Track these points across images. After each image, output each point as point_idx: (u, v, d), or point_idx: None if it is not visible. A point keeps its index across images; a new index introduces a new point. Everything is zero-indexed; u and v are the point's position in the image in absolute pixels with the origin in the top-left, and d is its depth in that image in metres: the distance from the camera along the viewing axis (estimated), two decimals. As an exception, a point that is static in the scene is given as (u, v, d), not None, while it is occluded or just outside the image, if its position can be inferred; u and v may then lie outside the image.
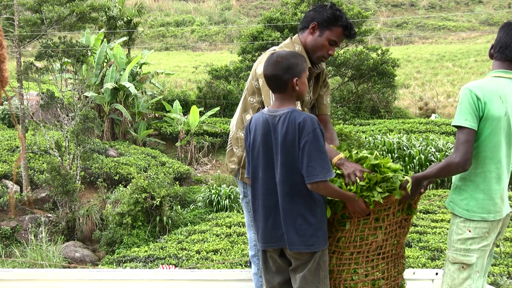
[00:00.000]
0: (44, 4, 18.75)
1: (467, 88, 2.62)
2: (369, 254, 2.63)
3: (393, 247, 2.67)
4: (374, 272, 2.64)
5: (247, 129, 2.78)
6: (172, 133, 23.53)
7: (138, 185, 14.80)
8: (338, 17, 2.97)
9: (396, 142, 19.41)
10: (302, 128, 2.52)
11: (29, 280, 3.51)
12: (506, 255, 10.15)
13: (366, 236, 2.59)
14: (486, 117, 2.60)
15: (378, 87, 24.10)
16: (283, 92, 2.66)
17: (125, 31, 25.96)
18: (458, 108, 2.64)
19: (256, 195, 2.71)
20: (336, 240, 2.62)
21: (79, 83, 19.14)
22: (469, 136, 2.56)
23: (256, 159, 2.69)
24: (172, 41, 41.41)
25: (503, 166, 2.69)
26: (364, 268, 2.63)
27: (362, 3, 42.99)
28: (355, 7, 23.64)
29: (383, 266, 2.67)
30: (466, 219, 2.68)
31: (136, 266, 11.82)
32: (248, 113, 3.06)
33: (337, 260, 2.64)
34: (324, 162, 2.49)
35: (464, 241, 2.68)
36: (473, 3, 44.29)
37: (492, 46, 2.80)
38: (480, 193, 2.66)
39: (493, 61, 2.76)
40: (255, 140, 2.69)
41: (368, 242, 2.59)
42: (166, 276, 3.73)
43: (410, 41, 41.21)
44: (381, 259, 2.65)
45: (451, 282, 2.71)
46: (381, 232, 2.59)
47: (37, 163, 18.14)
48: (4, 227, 15.05)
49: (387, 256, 2.67)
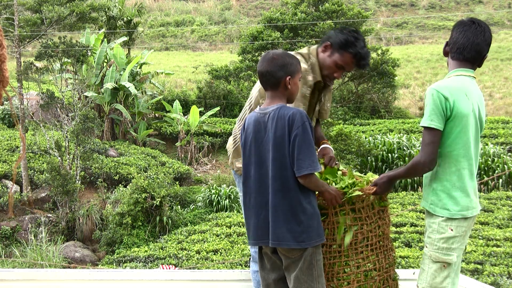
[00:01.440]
0: (44, 4, 18.75)
1: (434, 89, 2.67)
2: (357, 246, 2.69)
3: (379, 238, 2.75)
4: (365, 264, 2.70)
5: (241, 128, 2.83)
6: (172, 133, 23.53)
7: (138, 185, 14.80)
8: (350, 44, 2.93)
9: (396, 142, 19.41)
10: (291, 122, 2.56)
11: (29, 280, 3.51)
12: (506, 255, 10.15)
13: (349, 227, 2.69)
14: (455, 115, 2.65)
15: (378, 87, 24.10)
16: (275, 89, 2.70)
17: (125, 31, 25.95)
18: (425, 109, 2.69)
19: (248, 192, 2.73)
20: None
21: (79, 83, 19.14)
22: (434, 137, 2.65)
23: (248, 157, 2.72)
24: (172, 41, 41.40)
25: (473, 162, 2.76)
26: (355, 260, 2.69)
27: (362, 3, 42.98)
28: (355, 7, 23.64)
29: (373, 258, 2.73)
30: (448, 218, 2.71)
31: (136, 266, 11.82)
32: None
33: (326, 254, 2.70)
34: (313, 155, 2.56)
35: (446, 240, 2.71)
36: (473, 3, 44.29)
37: (446, 43, 2.87)
38: (457, 191, 2.72)
39: (450, 60, 2.82)
40: (247, 138, 2.73)
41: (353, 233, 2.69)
42: (166, 276, 3.73)
43: (410, 41, 41.21)
44: (370, 251, 2.72)
45: (432, 280, 2.74)
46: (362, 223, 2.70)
47: (37, 163, 18.14)
48: (4, 227, 15.05)
49: (375, 247, 2.74)
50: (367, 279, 2.71)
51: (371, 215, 2.73)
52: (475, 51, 2.73)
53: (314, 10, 22.00)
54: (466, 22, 2.78)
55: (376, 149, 19.16)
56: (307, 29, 21.63)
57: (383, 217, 2.79)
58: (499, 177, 16.73)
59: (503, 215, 12.80)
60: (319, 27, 21.07)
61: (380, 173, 14.88)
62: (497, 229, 11.88)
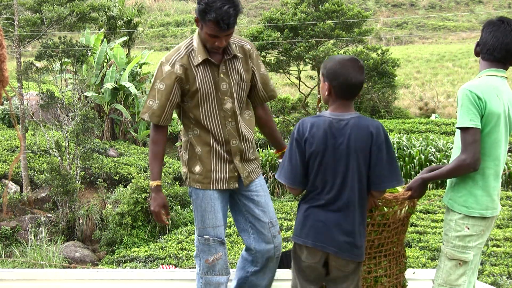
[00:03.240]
0: (44, 4, 18.76)
1: (467, 89, 2.66)
2: (371, 251, 2.64)
3: (394, 244, 2.69)
4: (376, 269, 2.65)
5: (303, 134, 2.57)
6: (172, 133, 23.53)
7: (138, 185, 14.80)
8: (206, 10, 2.69)
9: (396, 142, 19.40)
10: (376, 135, 2.50)
11: (29, 280, 3.51)
12: (506, 255, 10.15)
13: (368, 232, 2.60)
14: (487, 115, 2.65)
15: (378, 87, 24.09)
16: (354, 98, 2.65)
17: (125, 31, 25.95)
18: (460, 110, 2.66)
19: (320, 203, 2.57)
20: None
21: (79, 83, 19.14)
22: (476, 136, 2.61)
23: (318, 165, 2.55)
24: (172, 41, 41.41)
25: (500, 163, 2.74)
26: (366, 265, 2.64)
27: (362, 3, 42.98)
28: (355, 7, 23.63)
29: (385, 264, 2.68)
30: (465, 215, 2.71)
31: (136, 266, 11.82)
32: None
33: None
34: (398, 170, 2.55)
35: (462, 238, 2.70)
36: (473, 3, 44.30)
37: (477, 44, 2.84)
38: (479, 189, 2.70)
39: (481, 61, 2.81)
40: (318, 145, 2.54)
41: (370, 239, 2.61)
42: (166, 276, 3.73)
43: (410, 41, 41.22)
44: (383, 257, 2.66)
45: (447, 277, 2.74)
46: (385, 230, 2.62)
47: (37, 163, 18.14)
48: (4, 227, 15.06)
49: (388, 254, 2.68)
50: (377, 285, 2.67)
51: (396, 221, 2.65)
52: (506, 51, 2.72)
53: (314, 10, 21.99)
54: (495, 22, 2.77)
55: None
56: (307, 29, 21.62)
57: (404, 223, 2.73)
58: (499, 177, 16.71)
59: (503, 215, 12.80)
60: (319, 27, 21.06)
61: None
62: (497, 229, 11.88)
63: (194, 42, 2.90)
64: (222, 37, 2.76)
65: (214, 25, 2.70)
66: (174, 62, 2.88)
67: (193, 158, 2.99)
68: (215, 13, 2.66)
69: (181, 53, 2.90)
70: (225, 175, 2.95)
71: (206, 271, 2.99)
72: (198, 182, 2.96)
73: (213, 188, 2.94)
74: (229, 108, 2.93)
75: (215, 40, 2.77)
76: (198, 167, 2.96)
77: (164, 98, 2.88)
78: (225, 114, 2.93)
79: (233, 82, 2.93)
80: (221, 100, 2.91)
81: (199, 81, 2.88)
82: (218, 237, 2.95)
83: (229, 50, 2.91)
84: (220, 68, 2.90)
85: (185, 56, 2.89)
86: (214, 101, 2.91)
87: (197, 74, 2.88)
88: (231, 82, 2.93)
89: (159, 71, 2.90)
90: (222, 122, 2.94)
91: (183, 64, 2.87)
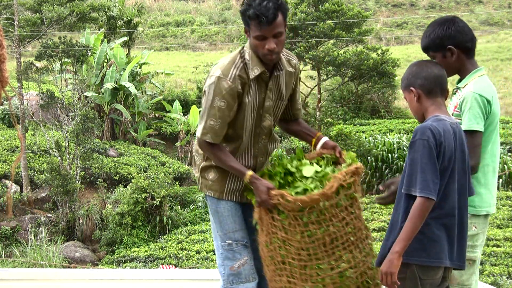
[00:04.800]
0: (44, 4, 18.76)
1: (477, 94, 2.68)
2: (327, 249, 2.54)
3: (350, 234, 2.58)
4: (339, 264, 2.56)
5: (438, 136, 2.39)
6: (172, 133, 23.53)
7: (138, 185, 14.81)
8: (246, 10, 2.62)
9: (396, 142, 19.41)
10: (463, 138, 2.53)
11: (29, 280, 3.51)
12: (506, 255, 10.16)
13: (314, 231, 2.51)
14: (492, 115, 2.71)
15: (378, 87, 24.10)
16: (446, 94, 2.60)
17: (125, 31, 25.95)
18: (468, 112, 2.67)
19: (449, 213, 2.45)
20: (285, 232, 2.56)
21: (79, 83, 19.15)
22: (480, 139, 2.66)
23: (447, 171, 2.43)
24: (172, 41, 41.41)
25: (496, 159, 2.81)
26: (327, 262, 2.56)
27: (362, 3, 42.98)
28: (355, 7, 23.64)
29: (347, 256, 2.58)
30: (473, 215, 2.72)
31: (136, 266, 11.82)
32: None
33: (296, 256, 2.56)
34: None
35: (471, 237, 2.71)
36: (473, 3, 44.30)
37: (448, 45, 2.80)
38: (482, 188, 2.73)
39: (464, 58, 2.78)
40: (446, 150, 2.41)
41: (319, 237, 2.51)
42: (166, 276, 3.73)
43: (410, 41, 41.21)
44: (342, 250, 2.56)
45: (459, 278, 2.74)
46: (331, 225, 2.52)
47: (37, 163, 18.14)
48: (4, 227, 15.06)
49: (347, 245, 2.58)
50: (343, 280, 2.57)
51: (336, 214, 2.52)
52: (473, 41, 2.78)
53: (314, 10, 22.00)
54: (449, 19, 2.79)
55: (376, 149, 19.17)
56: (307, 29, 21.63)
57: (351, 211, 2.57)
58: (499, 177, 16.72)
59: (503, 215, 12.80)
60: (319, 27, 21.07)
61: (380, 173, 14.90)
62: (497, 229, 11.88)
63: (246, 55, 2.72)
64: (269, 38, 2.61)
65: (256, 22, 2.59)
66: (234, 76, 2.68)
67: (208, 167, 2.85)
68: (254, 9, 2.58)
69: (239, 65, 2.72)
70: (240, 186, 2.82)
71: (231, 280, 2.82)
72: (211, 189, 2.85)
73: (226, 199, 2.84)
74: (266, 126, 2.83)
75: (264, 43, 2.62)
76: (212, 174, 2.84)
77: (226, 117, 2.69)
78: (261, 131, 2.83)
79: (275, 99, 2.83)
80: (262, 116, 2.80)
81: (250, 96, 2.73)
82: (241, 240, 2.82)
83: (279, 65, 2.78)
84: (269, 83, 2.78)
85: (243, 68, 2.71)
86: (254, 117, 2.79)
87: (250, 88, 2.73)
88: (274, 99, 2.83)
89: (217, 86, 2.67)
90: (255, 139, 2.83)
91: (242, 77, 2.70)
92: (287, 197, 2.46)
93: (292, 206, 2.46)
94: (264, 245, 2.66)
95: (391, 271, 2.36)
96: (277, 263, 2.61)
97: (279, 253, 2.58)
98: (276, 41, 2.63)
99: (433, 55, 2.76)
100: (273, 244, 2.59)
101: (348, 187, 2.53)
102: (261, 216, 2.62)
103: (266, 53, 2.63)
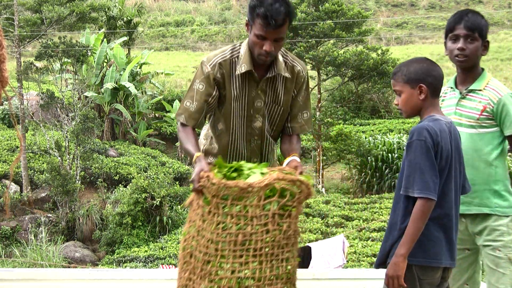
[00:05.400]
0: (44, 4, 18.76)
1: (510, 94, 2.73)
2: (236, 248, 2.38)
3: (267, 245, 2.40)
4: (242, 270, 2.39)
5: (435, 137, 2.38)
6: (172, 133, 23.53)
7: (138, 185, 14.81)
8: (256, 7, 2.57)
9: (396, 142, 19.42)
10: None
11: (29, 280, 3.51)
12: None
13: (229, 225, 2.37)
14: None
15: (378, 87, 24.09)
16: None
17: (125, 31, 25.95)
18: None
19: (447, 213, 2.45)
20: (202, 222, 2.41)
21: (79, 83, 19.15)
22: None
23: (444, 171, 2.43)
24: (172, 41, 41.42)
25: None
26: (231, 263, 2.39)
27: (362, 3, 42.98)
28: (355, 7, 23.64)
29: (254, 265, 2.40)
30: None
31: (136, 266, 11.83)
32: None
33: (203, 249, 2.41)
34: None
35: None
36: (473, 3, 44.28)
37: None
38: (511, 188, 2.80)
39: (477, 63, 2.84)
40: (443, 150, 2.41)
41: (232, 233, 2.36)
42: (166, 276, 3.73)
43: (410, 41, 41.22)
44: (252, 256, 2.38)
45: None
46: (248, 224, 2.35)
47: (37, 163, 18.14)
48: (4, 227, 15.06)
49: (259, 254, 2.40)
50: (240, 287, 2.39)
51: (260, 216, 2.35)
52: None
53: (314, 10, 22.00)
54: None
55: (376, 149, 19.17)
56: (307, 29, 21.63)
57: (280, 222, 2.38)
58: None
59: None
60: (319, 27, 21.07)
61: (380, 173, 14.87)
62: None
63: (241, 49, 2.73)
64: (270, 40, 2.58)
65: (262, 21, 2.54)
66: (215, 63, 2.71)
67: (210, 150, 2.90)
68: (265, 8, 2.53)
69: (226, 56, 2.73)
70: None
71: None
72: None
73: None
74: (257, 127, 2.82)
75: (262, 43, 2.59)
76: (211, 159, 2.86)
77: (202, 100, 2.70)
78: (253, 132, 2.83)
79: (268, 102, 2.79)
80: (252, 117, 2.79)
81: (234, 92, 2.73)
82: None
83: (274, 68, 2.73)
84: (260, 84, 2.75)
85: (228, 60, 2.72)
86: (244, 117, 2.79)
87: (233, 84, 2.72)
88: (267, 101, 2.78)
89: (199, 70, 2.73)
90: (247, 139, 2.84)
91: (224, 68, 2.71)
92: (212, 179, 2.33)
93: (216, 190, 2.32)
94: (182, 234, 2.54)
95: (397, 274, 2.35)
96: (185, 256, 2.47)
97: (190, 243, 2.44)
98: (275, 45, 2.61)
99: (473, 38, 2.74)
100: (189, 233, 2.46)
101: (282, 194, 2.35)
102: (192, 201, 2.48)
103: (262, 53, 2.61)
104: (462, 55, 2.76)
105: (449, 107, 2.88)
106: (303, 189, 2.37)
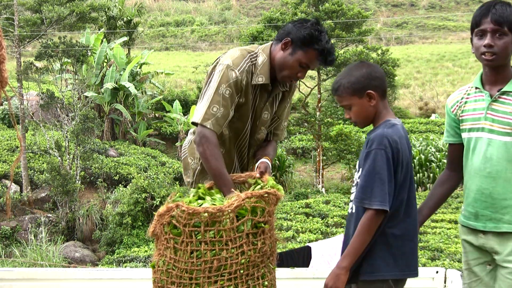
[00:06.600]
0: (44, 4, 18.76)
1: None
2: (211, 275, 2.29)
3: (242, 266, 2.31)
4: None
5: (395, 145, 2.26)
6: (172, 133, 23.54)
7: (138, 185, 14.81)
8: (315, 39, 2.56)
9: (396, 142, 19.40)
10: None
11: (29, 279, 3.51)
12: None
13: (203, 251, 2.28)
14: None
15: (378, 87, 24.14)
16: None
17: (125, 31, 25.96)
18: None
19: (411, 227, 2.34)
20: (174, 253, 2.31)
21: (79, 83, 19.16)
22: None
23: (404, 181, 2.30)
24: (172, 41, 41.43)
25: None
26: None
27: (362, 3, 42.98)
28: (355, 7, 23.64)
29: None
30: None
31: (136, 266, 11.82)
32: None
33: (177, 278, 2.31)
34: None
35: None
36: (473, 3, 44.29)
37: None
38: None
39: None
40: (404, 157, 2.29)
41: (207, 260, 2.28)
42: (166, 275, 3.72)
43: (410, 41, 41.25)
44: (227, 280, 2.30)
45: None
46: (224, 249, 2.28)
47: (37, 163, 18.14)
48: (4, 227, 15.06)
49: (234, 277, 2.32)
50: None
51: (234, 239, 2.27)
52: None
53: (314, 10, 21.99)
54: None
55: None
56: (307, 29, 21.64)
57: (254, 241, 2.30)
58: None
59: None
60: (319, 27, 21.08)
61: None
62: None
63: (259, 57, 2.64)
64: (306, 70, 2.61)
65: (316, 56, 2.56)
66: (243, 70, 2.59)
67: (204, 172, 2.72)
68: (325, 45, 2.56)
69: (248, 62, 2.63)
70: None
71: None
72: None
73: None
74: (260, 139, 2.81)
75: (301, 71, 2.59)
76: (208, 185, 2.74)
77: (228, 108, 2.55)
78: (254, 143, 2.81)
79: (271, 113, 2.78)
80: (257, 128, 2.77)
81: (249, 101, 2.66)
82: None
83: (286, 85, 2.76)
84: (270, 96, 2.73)
85: (250, 67, 2.63)
86: (249, 127, 2.73)
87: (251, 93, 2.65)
88: (270, 113, 2.78)
89: (224, 74, 2.55)
90: (249, 149, 2.82)
91: (248, 76, 2.61)
92: (182, 207, 2.23)
93: (185, 218, 2.23)
94: (151, 265, 2.42)
95: (336, 286, 2.23)
96: None
97: (161, 278, 2.32)
98: (304, 73, 2.65)
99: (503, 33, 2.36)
100: (159, 266, 2.34)
101: (253, 213, 2.27)
102: (157, 232, 2.34)
103: (293, 78, 2.62)
104: (489, 53, 2.36)
105: (477, 111, 2.49)
106: (271, 200, 2.29)
